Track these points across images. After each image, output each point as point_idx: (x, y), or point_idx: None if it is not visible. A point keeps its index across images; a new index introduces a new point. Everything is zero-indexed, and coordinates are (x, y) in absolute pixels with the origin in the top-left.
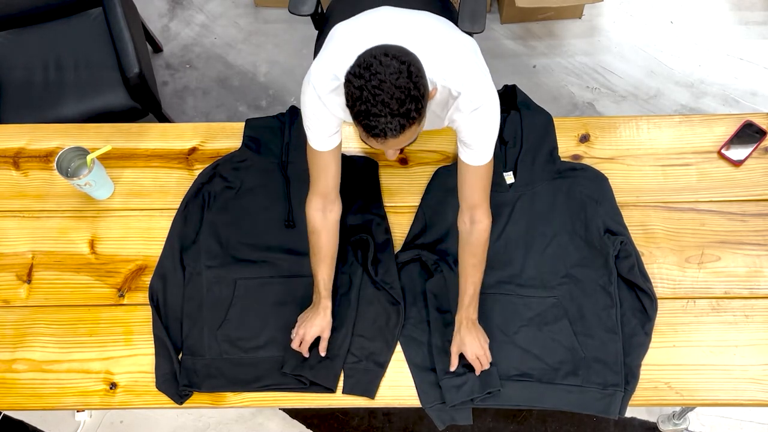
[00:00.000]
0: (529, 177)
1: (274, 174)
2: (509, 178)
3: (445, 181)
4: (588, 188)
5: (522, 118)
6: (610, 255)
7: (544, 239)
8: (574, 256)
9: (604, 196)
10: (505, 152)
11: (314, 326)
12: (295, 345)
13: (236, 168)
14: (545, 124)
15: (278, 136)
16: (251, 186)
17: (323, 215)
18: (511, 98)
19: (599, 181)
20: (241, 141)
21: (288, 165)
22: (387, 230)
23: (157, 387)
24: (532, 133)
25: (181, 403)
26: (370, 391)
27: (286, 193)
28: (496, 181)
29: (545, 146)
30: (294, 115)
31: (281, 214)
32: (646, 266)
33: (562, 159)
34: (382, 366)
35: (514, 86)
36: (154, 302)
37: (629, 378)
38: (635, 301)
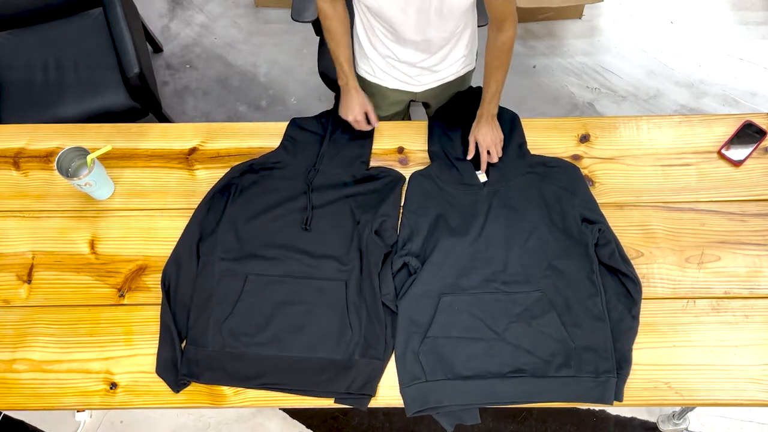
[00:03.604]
0: (502, 174)
1: (301, 180)
2: (482, 177)
3: (422, 186)
4: (561, 180)
5: None
6: (589, 244)
7: (523, 234)
8: (555, 248)
9: (577, 186)
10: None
11: (355, 107)
12: (356, 126)
13: (269, 168)
14: (511, 119)
15: (317, 143)
16: (277, 187)
17: (332, 5)
18: (477, 99)
19: (571, 171)
20: (281, 140)
21: (317, 174)
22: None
23: (156, 372)
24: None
25: (178, 392)
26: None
27: (308, 200)
28: (470, 182)
29: (514, 141)
30: (336, 126)
31: (300, 217)
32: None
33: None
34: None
35: (479, 88)
36: (166, 287)
37: (622, 363)
38: (619, 287)
